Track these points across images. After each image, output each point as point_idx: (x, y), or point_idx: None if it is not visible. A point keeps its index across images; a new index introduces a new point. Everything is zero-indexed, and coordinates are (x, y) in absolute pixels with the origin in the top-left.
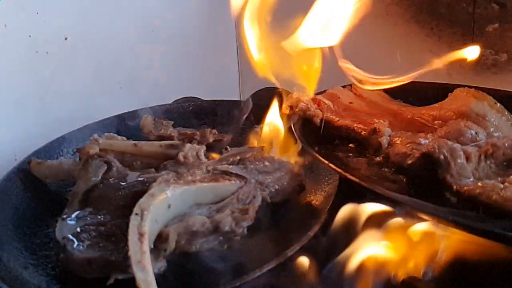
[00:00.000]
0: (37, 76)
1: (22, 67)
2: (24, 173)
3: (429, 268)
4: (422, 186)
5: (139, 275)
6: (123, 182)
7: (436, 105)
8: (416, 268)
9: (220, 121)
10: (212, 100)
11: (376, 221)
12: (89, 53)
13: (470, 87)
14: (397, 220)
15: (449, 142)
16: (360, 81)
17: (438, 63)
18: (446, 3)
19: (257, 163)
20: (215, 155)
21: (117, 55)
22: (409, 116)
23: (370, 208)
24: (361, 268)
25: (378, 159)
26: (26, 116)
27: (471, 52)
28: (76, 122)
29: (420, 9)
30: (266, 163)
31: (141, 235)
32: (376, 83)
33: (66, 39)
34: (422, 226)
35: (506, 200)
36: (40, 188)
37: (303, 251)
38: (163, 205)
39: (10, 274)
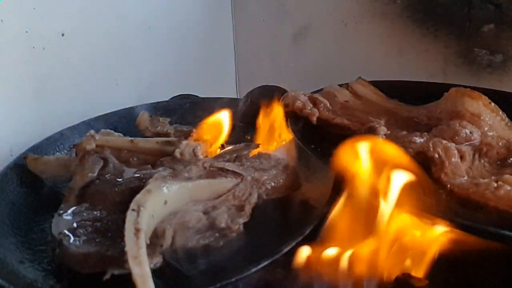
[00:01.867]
0: (33, 72)
1: (19, 62)
2: (21, 168)
3: (423, 265)
4: None
5: (135, 270)
6: (119, 178)
7: (431, 104)
8: (410, 265)
9: None
10: (209, 98)
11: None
12: (86, 49)
13: (465, 87)
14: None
15: (444, 141)
16: None
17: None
18: (442, 3)
19: (254, 160)
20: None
21: (113, 51)
22: (404, 115)
23: None
24: (355, 264)
25: None
26: (22, 111)
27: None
28: (72, 118)
29: (417, 9)
30: (263, 161)
31: (137, 230)
32: None
33: (62, 35)
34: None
35: (499, 199)
36: (36, 184)
37: (298, 247)
38: (159, 201)
39: (6, 269)
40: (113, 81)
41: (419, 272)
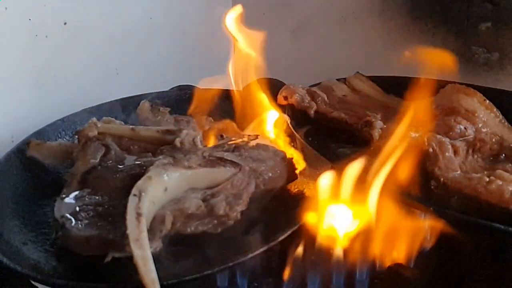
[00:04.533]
0: (35, 59)
1: (21, 50)
2: (24, 153)
3: (415, 255)
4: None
5: (137, 253)
6: (120, 165)
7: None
8: (402, 255)
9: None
10: (208, 89)
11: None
12: (87, 38)
13: (461, 84)
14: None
15: (438, 136)
16: None
17: None
18: (441, 0)
19: (252, 151)
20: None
21: (114, 41)
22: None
23: None
24: (347, 255)
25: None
26: (24, 98)
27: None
28: (72, 106)
29: (416, 5)
30: (261, 151)
31: (138, 215)
32: None
33: (65, 23)
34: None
35: (490, 192)
36: (38, 169)
37: (293, 236)
38: (160, 188)
39: (11, 250)
40: (113, 70)
41: (411, 262)
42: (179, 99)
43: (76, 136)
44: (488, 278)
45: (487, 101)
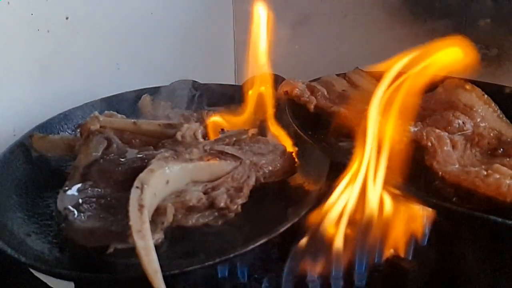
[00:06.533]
0: (37, 54)
1: (24, 44)
2: (26, 147)
3: (413, 248)
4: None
5: (139, 243)
6: (122, 158)
7: (426, 95)
8: (400, 248)
9: (216, 103)
10: (209, 84)
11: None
12: (89, 33)
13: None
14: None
15: (437, 130)
16: None
17: None
18: None
19: (252, 145)
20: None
21: (116, 36)
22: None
23: None
24: (346, 246)
25: None
26: (25, 93)
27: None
28: (73, 100)
29: (415, 1)
30: (261, 145)
31: (141, 206)
32: None
33: (67, 18)
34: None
35: (488, 186)
36: (41, 162)
37: (293, 228)
38: (162, 180)
39: (15, 240)
40: (114, 65)
41: (408, 255)
42: (180, 94)
43: (78, 130)
44: (485, 270)
45: (486, 96)
